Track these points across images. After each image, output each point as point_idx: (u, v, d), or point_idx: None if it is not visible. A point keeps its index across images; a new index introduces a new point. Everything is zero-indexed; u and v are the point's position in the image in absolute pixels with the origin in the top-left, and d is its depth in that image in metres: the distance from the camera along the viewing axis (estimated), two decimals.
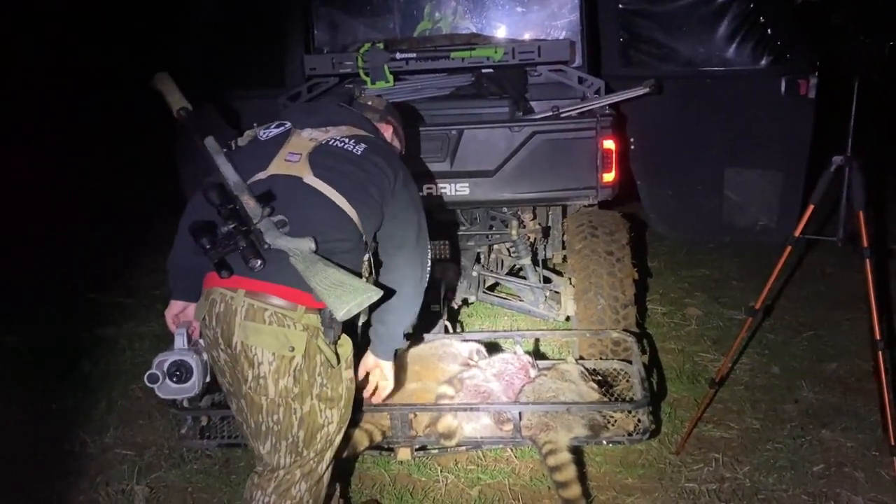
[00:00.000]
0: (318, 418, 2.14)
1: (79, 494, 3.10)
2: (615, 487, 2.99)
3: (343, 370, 2.18)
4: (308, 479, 2.19)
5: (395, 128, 2.65)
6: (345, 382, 2.19)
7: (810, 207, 2.78)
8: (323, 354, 2.10)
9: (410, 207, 2.30)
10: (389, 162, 2.26)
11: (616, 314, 3.44)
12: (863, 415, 3.35)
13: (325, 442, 2.19)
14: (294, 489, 2.17)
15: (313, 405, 2.12)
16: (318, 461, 2.20)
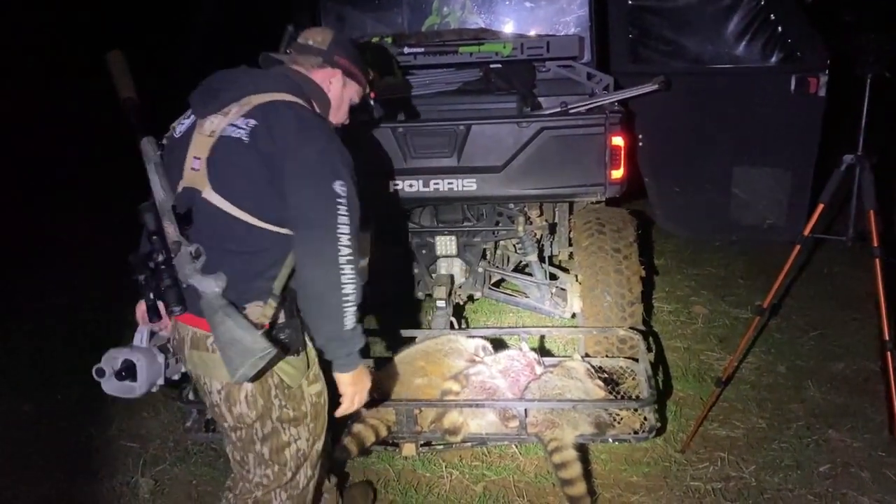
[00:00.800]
0: (283, 437, 2.10)
1: (83, 487, 3.11)
2: (620, 485, 2.98)
3: (305, 387, 2.10)
4: (287, 489, 2.16)
5: (346, 69, 2.19)
6: (308, 399, 2.11)
7: (820, 206, 2.76)
8: (276, 376, 2.03)
9: (302, 190, 1.89)
10: (279, 135, 1.91)
11: (622, 311, 3.43)
12: (869, 415, 3.33)
13: (296, 457, 2.14)
14: (275, 500, 2.16)
15: (275, 426, 2.09)
16: (295, 472, 2.16)
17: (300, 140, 1.90)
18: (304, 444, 2.14)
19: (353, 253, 1.89)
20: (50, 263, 5.81)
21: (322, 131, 1.97)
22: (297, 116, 1.96)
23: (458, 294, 3.98)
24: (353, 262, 1.90)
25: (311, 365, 2.12)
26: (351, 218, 1.89)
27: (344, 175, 1.91)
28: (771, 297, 2.91)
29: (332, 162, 1.91)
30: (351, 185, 1.91)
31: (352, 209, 1.90)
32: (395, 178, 3.39)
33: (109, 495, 3.05)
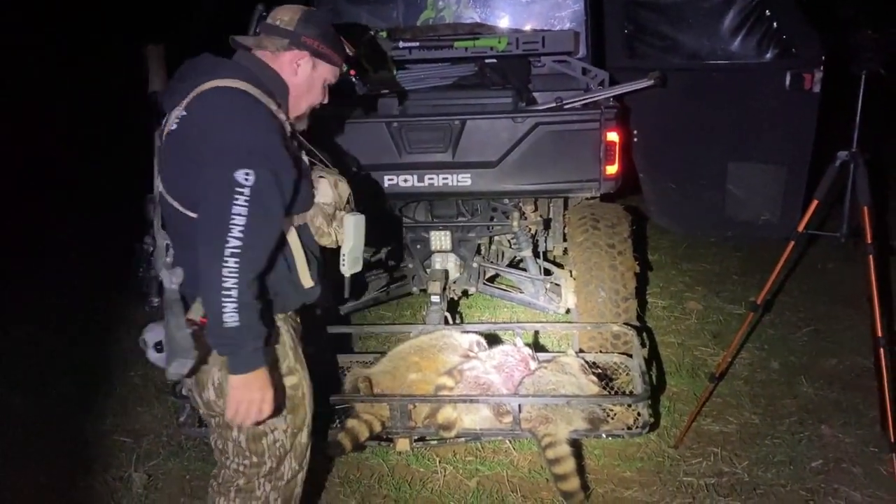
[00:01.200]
0: (258, 426, 2.09)
1: (77, 481, 3.10)
2: (613, 480, 2.98)
3: (278, 379, 2.08)
4: (271, 479, 2.16)
5: (314, 50, 2.07)
6: (281, 391, 2.08)
7: (814, 203, 2.76)
8: None
9: (203, 176, 1.83)
10: (201, 122, 1.88)
11: (617, 307, 3.43)
12: (862, 411, 3.34)
13: (274, 447, 2.14)
14: (258, 490, 2.15)
15: None
16: (277, 463, 2.16)
17: (215, 126, 1.86)
18: (281, 435, 2.14)
19: (243, 247, 1.79)
20: (49, 261, 5.79)
21: (243, 118, 1.88)
22: (224, 103, 1.90)
23: (453, 289, 3.97)
24: (243, 256, 1.79)
25: (284, 358, 2.12)
26: (252, 209, 1.80)
27: (254, 164, 1.81)
28: (765, 293, 2.92)
29: (241, 149, 1.82)
30: (264, 175, 1.82)
31: (255, 200, 1.80)
32: (390, 173, 3.38)
33: (103, 490, 3.04)
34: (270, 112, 1.95)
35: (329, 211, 2.15)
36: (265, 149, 1.87)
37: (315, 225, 2.14)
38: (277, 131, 1.93)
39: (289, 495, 2.22)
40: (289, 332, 2.15)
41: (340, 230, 2.18)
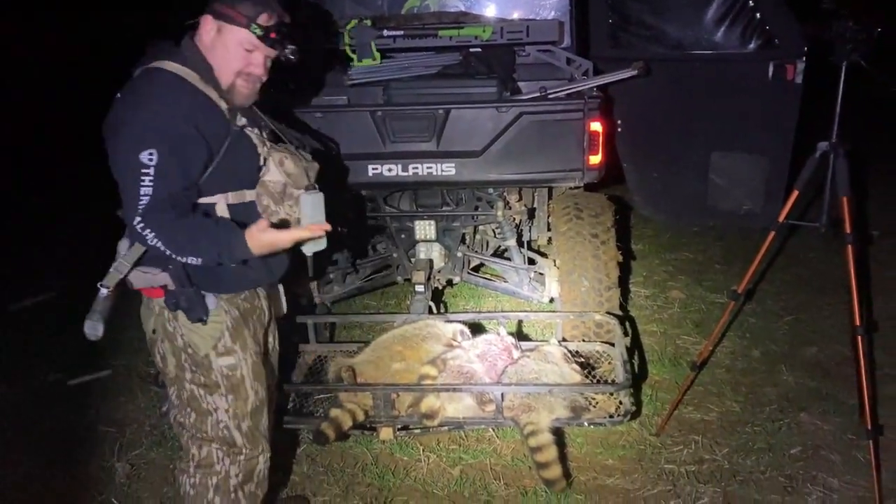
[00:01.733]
0: (202, 404, 2.18)
1: (59, 471, 3.09)
2: (595, 468, 3.01)
3: (213, 358, 2.14)
4: (230, 453, 2.22)
5: (217, 12, 2.03)
6: (218, 370, 2.16)
7: (795, 193, 2.78)
8: (181, 341, 2.13)
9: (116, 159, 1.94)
10: (119, 106, 1.97)
11: (600, 296, 3.45)
12: (841, 399, 3.39)
13: (219, 427, 2.19)
14: (217, 465, 2.22)
15: (192, 390, 2.18)
16: (228, 443, 2.21)
17: (129, 109, 1.93)
18: (224, 417, 2.19)
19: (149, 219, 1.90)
20: (33, 252, 5.73)
21: (154, 99, 1.94)
22: (143, 84, 1.98)
23: (437, 278, 3.98)
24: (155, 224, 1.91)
25: (220, 338, 2.14)
26: (156, 187, 1.89)
27: (156, 143, 1.88)
28: (746, 282, 2.94)
29: (145, 130, 1.89)
30: (167, 153, 1.89)
31: (159, 178, 1.89)
32: (374, 162, 3.37)
33: (86, 480, 3.03)
34: (193, 90, 1.99)
35: (276, 189, 2.13)
36: (168, 127, 1.91)
37: (262, 204, 2.13)
38: (195, 111, 1.97)
39: (250, 471, 2.27)
40: (229, 313, 2.16)
41: (296, 209, 2.15)
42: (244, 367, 2.20)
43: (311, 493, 2.92)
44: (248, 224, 2.00)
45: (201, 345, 2.13)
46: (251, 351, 2.22)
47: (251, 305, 2.25)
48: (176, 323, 2.12)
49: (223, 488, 2.22)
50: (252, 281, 2.21)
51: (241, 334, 2.19)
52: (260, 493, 2.33)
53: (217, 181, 2.05)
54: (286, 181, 2.14)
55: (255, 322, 2.26)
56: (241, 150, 2.09)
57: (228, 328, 2.15)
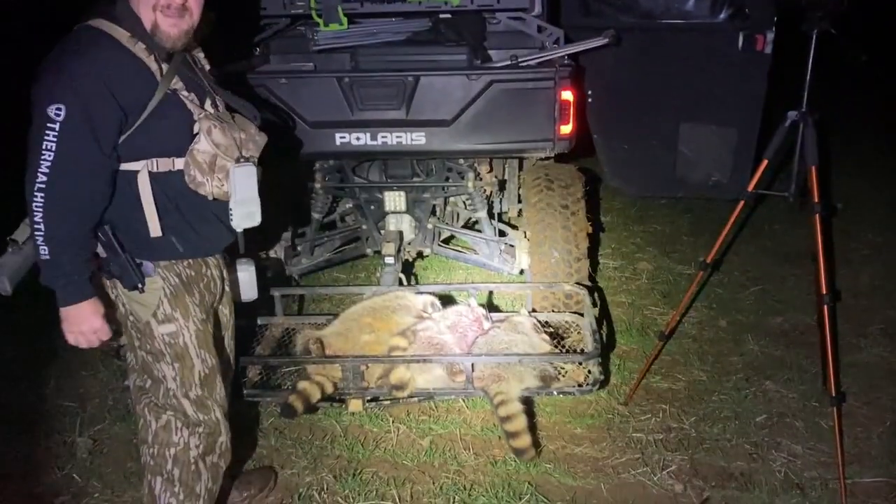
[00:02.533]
0: (153, 371, 2.16)
1: (20, 447, 3.01)
2: (564, 437, 3.02)
3: (154, 325, 2.11)
4: (188, 424, 2.20)
5: None
6: (160, 338, 2.13)
7: (764, 162, 2.78)
8: (125, 308, 2.11)
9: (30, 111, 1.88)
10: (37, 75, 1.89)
11: (569, 268, 3.44)
12: (805, 367, 3.44)
13: (169, 395, 2.17)
14: (176, 436, 2.19)
15: (142, 356, 2.16)
16: (181, 406, 2.19)
17: (46, 65, 1.88)
18: (172, 385, 2.17)
19: (49, 182, 1.84)
20: None
21: (73, 54, 1.88)
22: (67, 41, 1.92)
23: (407, 250, 3.94)
24: (49, 191, 1.85)
25: (158, 305, 2.10)
26: (60, 145, 1.83)
27: (67, 99, 1.82)
28: (714, 252, 2.95)
29: (58, 85, 1.84)
30: (76, 110, 1.83)
31: (64, 136, 1.83)
32: (342, 131, 3.30)
33: (46, 456, 2.96)
34: (116, 48, 1.91)
35: (204, 159, 2.04)
36: (84, 84, 1.84)
37: (189, 174, 2.04)
38: (112, 70, 1.89)
39: (210, 445, 2.25)
40: (168, 280, 2.11)
41: (226, 182, 2.08)
42: (186, 335, 2.16)
43: (279, 465, 2.89)
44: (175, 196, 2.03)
45: (141, 312, 2.10)
46: (195, 318, 2.17)
47: (196, 273, 2.20)
48: (116, 290, 2.09)
49: (182, 459, 2.19)
50: (189, 251, 2.15)
51: (182, 301, 2.14)
52: (223, 465, 2.31)
53: (139, 145, 1.97)
54: (215, 152, 2.05)
55: (201, 290, 2.21)
56: (171, 115, 2.00)
57: (167, 295, 2.11)
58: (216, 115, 2.10)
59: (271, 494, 2.73)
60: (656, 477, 2.78)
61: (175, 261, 2.13)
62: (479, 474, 2.82)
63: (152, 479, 2.20)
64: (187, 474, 2.20)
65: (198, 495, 2.24)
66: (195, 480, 2.22)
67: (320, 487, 2.77)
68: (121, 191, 2.00)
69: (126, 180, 2.00)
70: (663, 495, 2.70)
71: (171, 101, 2.00)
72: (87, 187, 1.91)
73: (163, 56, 1.99)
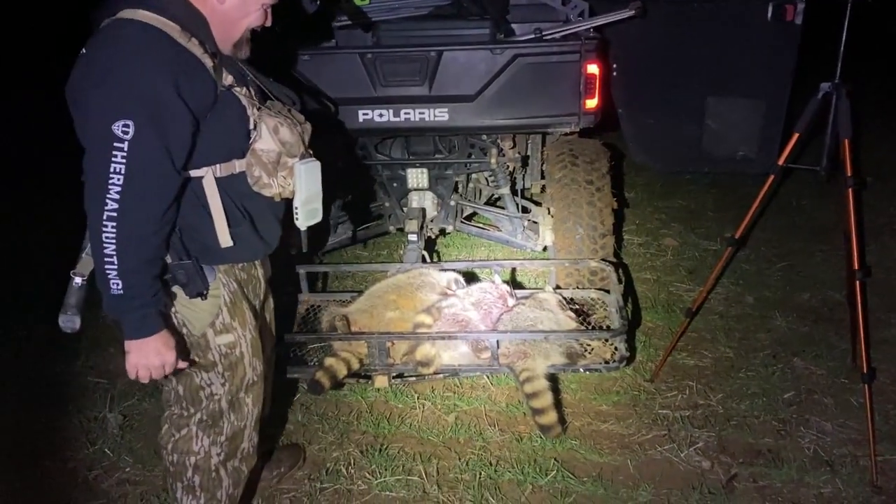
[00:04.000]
0: (194, 380, 2.06)
1: (51, 422, 3.07)
2: (590, 413, 3.02)
3: (211, 336, 2.01)
4: (209, 434, 2.11)
5: None
6: (215, 349, 2.02)
7: (795, 136, 2.72)
8: (177, 319, 1.97)
9: (83, 128, 1.69)
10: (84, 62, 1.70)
11: (594, 244, 3.41)
12: (834, 343, 3.40)
13: (211, 403, 2.09)
14: (195, 444, 2.11)
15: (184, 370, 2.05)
16: (213, 418, 2.11)
17: (100, 68, 1.65)
18: (219, 390, 2.08)
19: (121, 210, 1.65)
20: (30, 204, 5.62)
21: (132, 58, 1.65)
22: (117, 39, 1.68)
23: (430, 228, 3.93)
24: (122, 220, 1.66)
25: (217, 315, 2.00)
26: (130, 167, 1.63)
27: (135, 113, 1.62)
28: (743, 227, 2.90)
29: (122, 97, 1.62)
30: (147, 125, 1.64)
31: (134, 156, 1.63)
32: (364, 108, 3.28)
33: (78, 431, 3.01)
34: (177, 48, 1.72)
35: (269, 159, 1.92)
36: (152, 94, 1.65)
37: (253, 175, 1.92)
38: (178, 72, 1.69)
39: (233, 451, 2.18)
40: (228, 287, 2.02)
41: (290, 180, 1.97)
42: (243, 345, 2.07)
43: (305, 441, 2.92)
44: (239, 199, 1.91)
45: (197, 323, 1.98)
46: (250, 326, 2.09)
47: (248, 275, 2.12)
48: (168, 300, 1.94)
49: (203, 467, 2.13)
50: (248, 254, 2.07)
51: (240, 309, 2.05)
52: (245, 469, 2.24)
53: (203, 151, 1.82)
54: (280, 150, 1.92)
55: (251, 292, 2.15)
56: (229, 115, 1.85)
57: (227, 303, 2.01)
58: (275, 110, 1.96)
59: (300, 471, 2.75)
60: (683, 453, 2.76)
61: (233, 264, 2.04)
62: (505, 450, 2.83)
63: (174, 484, 2.17)
64: (208, 481, 2.15)
65: (219, 500, 2.19)
66: (216, 487, 2.17)
67: (347, 462, 2.79)
68: (188, 197, 1.86)
69: (192, 187, 1.86)
70: (690, 472, 2.69)
71: (227, 99, 1.84)
72: (163, 210, 1.74)
73: (211, 49, 1.82)
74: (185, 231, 1.88)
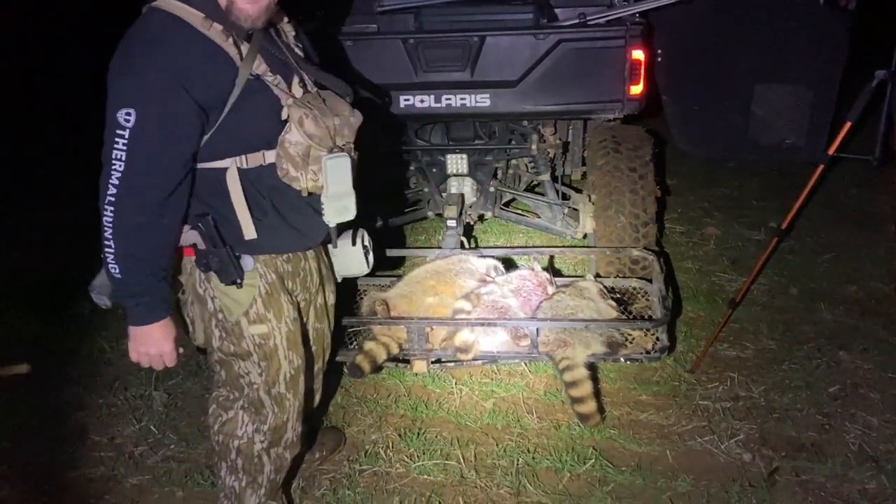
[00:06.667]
0: (233, 368, 2.09)
1: (97, 398, 3.16)
2: (629, 403, 3.00)
3: (245, 325, 2.01)
4: (254, 421, 2.14)
5: None
6: (249, 339, 2.03)
7: (847, 125, 2.65)
8: (213, 305, 1.99)
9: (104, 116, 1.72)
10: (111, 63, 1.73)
11: (636, 232, 3.38)
12: (881, 337, 3.32)
13: (251, 391, 2.11)
14: (240, 430, 2.14)
15: (221, 357, 2.09)
16: (255, 407, 2.13)
17: (118, 57, 1.71)
18: (256, 379, 2.09)
19: (118, 195, 1.69)
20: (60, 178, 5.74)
21: (146, 47, 1.69)
22: (138, 28, 1.73)
23: (469, 214, 3.92)
24: (118, 204, 1.70)
25: (254, 304, 2.00)
26: (131, 155, 1.67)
27: (139, 102, 1.65)
28: (791, 217, 2.85)
29: (129, 86, 1.67)
30: (150, 114, 1.66)
31: (134, 144, 1.66)
32: (405, 93, 3.28)
33: (124, 407, 3.09)
34: (192, 35, 1.72)
35: (298, 152, 1.86)
36: (155, 83, 1.67)
37: (282, 168, 1.88)
38: (190, 63, 1.71)
39: (276, 440, 2.20)
40: (265, 278, 2.02)
41: (320, 176, 1.91)
42: (278, 337, 2.06)
43: (345, 423, 2.95)
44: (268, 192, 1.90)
45: (233, 309, 1.99)
46: (287, 319, 2.07)
47: (294, 268, 2.12)
48: (208, 285, 1.97)
49: (246, 452, 2.16)
50: (284, 245, 2.05)
51: (277, 301, 2.04)
52: (288, 456, 2.27)
53: (224, 141, 1.82)
54: (308, 143, 1.86)
55: (297, 285, 2.15)
56: (256, 104, 1.82)
57: (262, 294, 2.01)
58: (306, 100, 1.89)
59: (339, 453, 2.79)
60: (723, 445, 2.74)
61: (274, 255, 2.04)
62: (543, 438, 2.83)
63: (218, 462, 2.22)
64: (250, 464, 2.18)
65: (259, 484, 2.22)
66: (258, 471, 2.20)
67: (386, 445, 2.82)
68: (212, 188, 1.87)
69: (216, 178, 1.86)
70: (731, 464, 2.66)
71: (256, 88, 1.80)
72: (159, 200, 1.75)
73: (242, 36, 1.79)
74: (219, 219, 1.90)
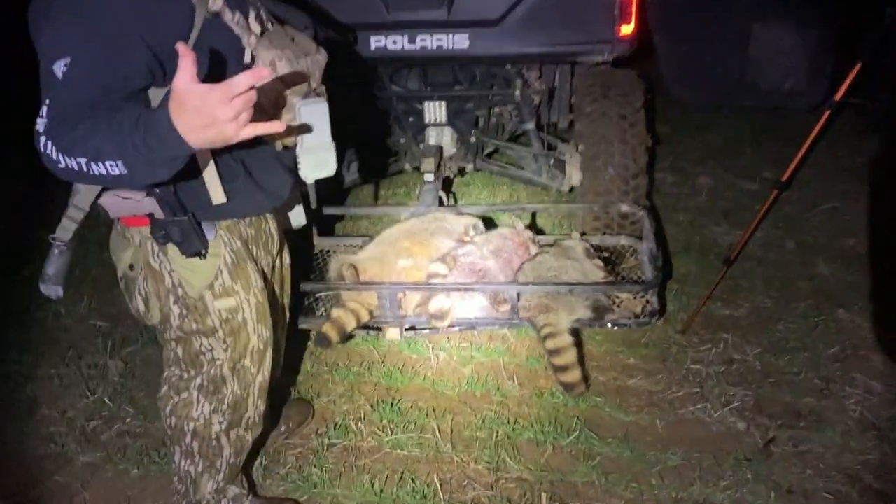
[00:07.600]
0: (193, 344, 1.88)
1: (49, 368, 2.95)
2: (616, 368, 2.84)
3: (209, 300, 1.80)
4: (211, 400, 1.95)
5: None
6: (215, 314, 1.83)
7: (857, 66, 2.42)
8: (170, 280, 1.77)
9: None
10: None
11: (626, 185, 3.17)
12: (881, 294, 3.15)
13: (212, 368, 1.91)
14: (196, 412, 1.95)
15: (180, 336, 1.87)
16: (215, 385, 1.94)
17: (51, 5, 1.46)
18: (221, 355, 1.90)
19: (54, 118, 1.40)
20: None
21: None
22: None
23: (448, 166, 3.68)
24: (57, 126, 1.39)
25: (217, 276, 1.79)
26: (57, 101, 1.41)
27: (74, 49, 1.40)
28: (792, 168, 2.64)
29: (70, 35, 1.42)
30: (81, 62, 1.40)
31: (64, 90, 1.41)
32: (376, 34, 3.01)
33: (77, 377, 2.89)
34: None
35: (267, 98, 1.61)
36: (100, 28, 1.42)
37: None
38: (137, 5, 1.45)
39: (236, 420, 2.02)
40: (230, 245, 1.81)
41: (294, 123, 1.68)
42: (246, 310, 1.87)
43: (314, 393, 2.78)
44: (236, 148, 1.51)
45: (195, 284, 1.78)
46: (255, 289, 1.88)
47: (256, 231, 1.91)
48: (164, 258, 1.75)
49: (202, 434, 1.98)
50: (250, 208, 1.83)
51: (244, 270, 1.85)
52: (250, 437, 2.09)
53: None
54: (281, 88, 1.63)
55: (260, 250, 1.93)
56: (216, 46, 1.57)
57: (227, 264, 1.80)
58: (270, 38, 1.63)
59: (307, 426, 2.62)
60: (717, 413, 2.58)
61: (237, 219, 1.83)
62: (524, 407, 2.67)
63: (172, 447, 2.04)
64: (208, 448, 2.00)
65: (218, 469, 2.05)
66: (216, 455, 2.03)
67: (357, 417, 2.65)
68: None
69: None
70: (724, 433, 2.51)
71: (214, 28, 1.55)
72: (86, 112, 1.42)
73: None
74: (178, 184, 1.65)
